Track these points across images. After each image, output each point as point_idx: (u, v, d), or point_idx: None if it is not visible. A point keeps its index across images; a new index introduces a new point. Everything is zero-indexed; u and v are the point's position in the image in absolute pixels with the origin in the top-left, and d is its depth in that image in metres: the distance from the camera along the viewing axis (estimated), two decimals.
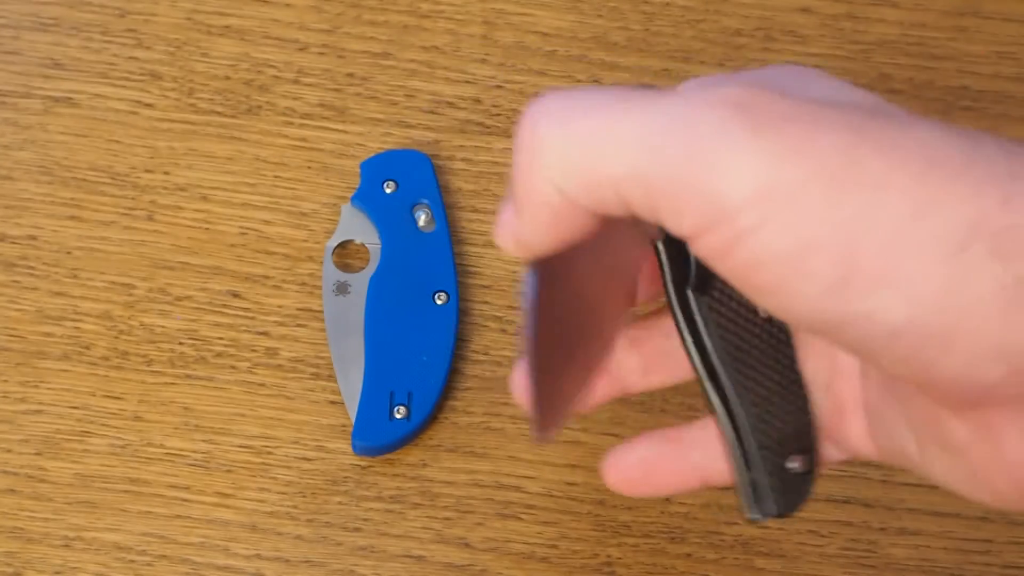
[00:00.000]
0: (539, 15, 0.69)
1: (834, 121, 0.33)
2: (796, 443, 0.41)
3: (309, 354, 0.63)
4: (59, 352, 0.63)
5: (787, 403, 0.41)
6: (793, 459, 0.41)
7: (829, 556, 0.60)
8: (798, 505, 0.42)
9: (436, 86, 0.67)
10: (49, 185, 0.66)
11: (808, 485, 0.42)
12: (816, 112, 0.33)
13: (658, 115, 0.33)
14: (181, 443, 0.61)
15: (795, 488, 0.42)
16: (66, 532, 0.60)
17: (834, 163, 0.33)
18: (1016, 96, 0.67)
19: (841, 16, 0.68)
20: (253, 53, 0.68)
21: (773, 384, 0.41)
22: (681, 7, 0.69)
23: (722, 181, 0.33)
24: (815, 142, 0.33)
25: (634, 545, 0.60)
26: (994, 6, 0.68)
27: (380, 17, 0.69)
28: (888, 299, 0.33)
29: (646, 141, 0.33)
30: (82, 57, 0.68)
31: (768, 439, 0.41)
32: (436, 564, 0.60)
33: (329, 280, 0.63)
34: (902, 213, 0.33)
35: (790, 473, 0.41)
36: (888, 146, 0.33)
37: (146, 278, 0.64)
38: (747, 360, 0.40)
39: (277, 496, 0.61)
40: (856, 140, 0.33)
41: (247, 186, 0.66)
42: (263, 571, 0.59)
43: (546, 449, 0.61)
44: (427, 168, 0.65)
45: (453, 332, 0.62)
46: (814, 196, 0.33)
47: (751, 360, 0.40)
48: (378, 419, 0.61)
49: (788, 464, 0.41)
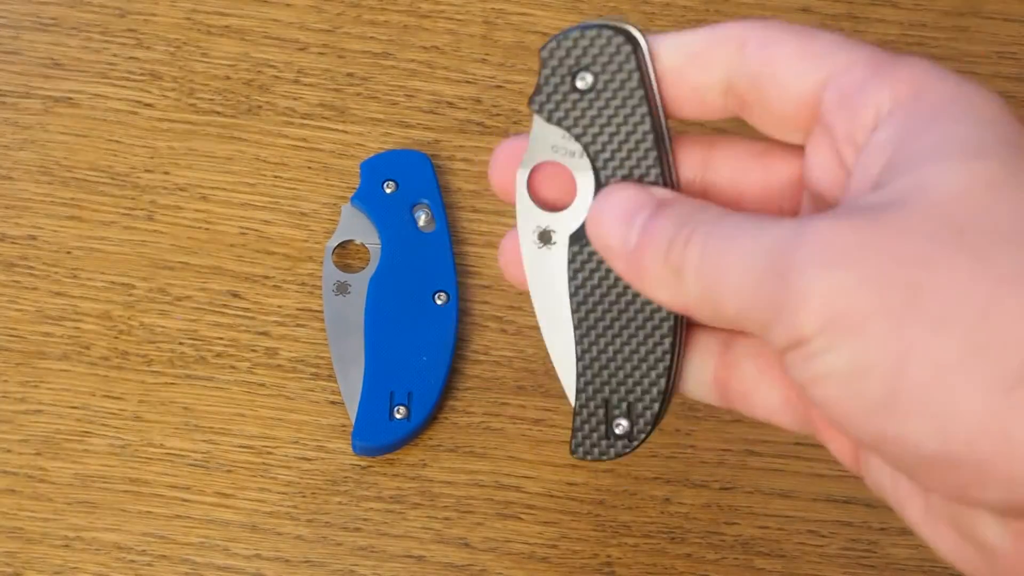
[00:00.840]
0: (539, 15, 0.69)
1: (908, 256, 0.36)
2: (625, 409, 0.44)
3: (309, 354, 0.63)
4: (59, 352, 0.63)
5: (631, 376, 0.44)
6: (618, 423, 0.45)
7: (829, 556, 0.60)
8: (616, 456, 0.45)
9: (436, 86, 0.67)
10: (49, 185, 0.66)
11: (629, 447, 0.45)
12: (892, 245, 0.36)
13: (754, 267, 0.38)
14: (181, 443, 0.61)
15: (615, 444, 0.45)
16: (66, 532, 0.60)
17: (898, 299, 0.35)
18: (1016, 96, 0.67)
19: (841, 16, 0.68)
20: (253, 53, 0.68)
21: (627, 352, 0.44)
22: (681, 7, 0.69)
23: (799, 315, 0.37)
24: (885, 277, 0.36)
25: (634, 545, 0.60)
26: (994, 6, 0.68)
27: (380, 17, 0.69)
28: (922, 427, 0.36)
29: (745, 295, 0.38)
30: (82, 57, 0.68)
31: (596, 396, 0.45)
32: (436, 564, 0.60)
33: (329, 280, 0.63)
34: (953, 353, 0.35)
35: (614, 431, 0.45)
36: (958, 287, 0.36)
37: (146, 278, 0.64)
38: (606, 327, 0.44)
39: (277, 496, 0.61)
40: (928, 276, 0.36)
41: (247, 186, 0.66)
42: (263, 571, 0.59)
43: (546, 449, 0.61)
44: (427, 168, 0.65)
45: (453, 332, 0.62)
46: (876, 328, 0.36)
47: (610, 329, 0.44)
48: (378, 419, 0.61)
49: (614, 424, 0.45)
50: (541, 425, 0.62)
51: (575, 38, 0.43)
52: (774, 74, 0.40)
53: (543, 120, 0.44)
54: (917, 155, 0.38)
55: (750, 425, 0.61)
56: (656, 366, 0.44)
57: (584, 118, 0.43)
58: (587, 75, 0.43)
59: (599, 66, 0.43)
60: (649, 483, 0.61)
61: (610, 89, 0.43)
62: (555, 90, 0.43)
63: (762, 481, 0.61)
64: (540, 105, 0.44)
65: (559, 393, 0.62)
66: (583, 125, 0.43)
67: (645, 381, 0.45)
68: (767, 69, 0.40)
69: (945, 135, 0.38)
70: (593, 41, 0.43)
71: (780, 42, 0.40)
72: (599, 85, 0.43)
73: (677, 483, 0.61)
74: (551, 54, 0.43)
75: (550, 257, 0.45)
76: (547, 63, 0.43)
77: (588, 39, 0.43)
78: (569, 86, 0.43)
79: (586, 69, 0.43)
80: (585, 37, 0.43)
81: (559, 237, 0.44)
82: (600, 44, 0.43)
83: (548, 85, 0.43)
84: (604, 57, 0.43)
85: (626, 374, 0.45)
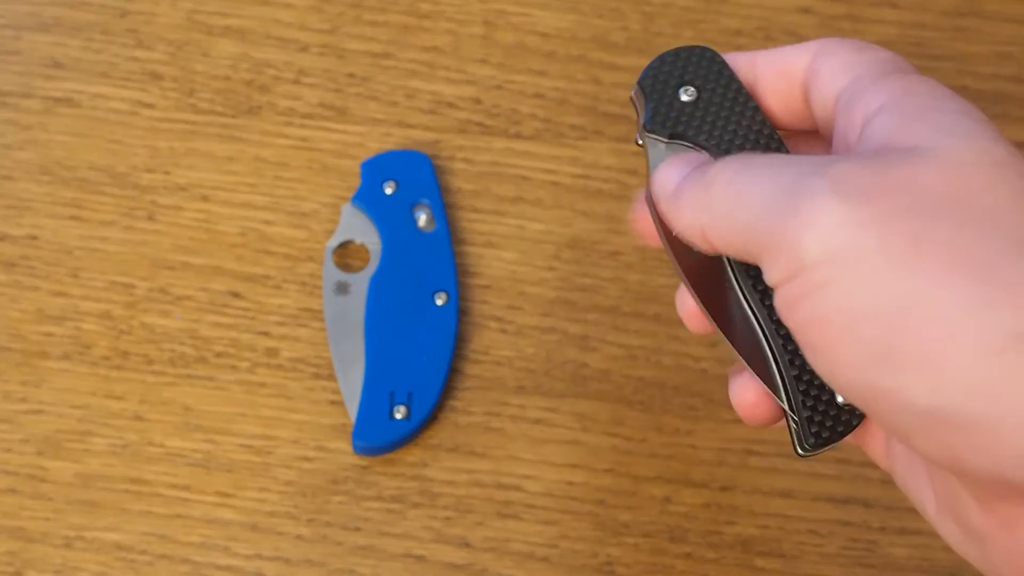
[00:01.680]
0: (539, 15, 0.69)
1: (917, 207, 0.37)
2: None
3: (309, 354, 0.63)
4: (60, 352, 0.63)
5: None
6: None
7: (829, 555, 0.60)
8: (842, 434, 0.45)
9: (436, 86, 0.67)
10: (50, 185, 0.66)
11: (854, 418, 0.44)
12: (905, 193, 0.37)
13: (774, 187, 0.39)
14: (182, 443, 0.61)
15: (840, 420, 0.44)
16: (66, 532, 0.60)
17: (903, 245, 0.36)
18: (1016, 96, 0.67)
19: (841, 16, 0.68)
20: (253, 53, 0.68)
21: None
22: (681, 7, 0.69)
23: (804, 236, 0.37)
24: (893, 220, 0.36)
25: (634, 545, 0.60)
26: (994, 6, 0.68)
27: (380, 17, 0.69)
28: (917, 381, 0.36)
29: (761, 209, 0.39)
30: (82, 57, 0.68)
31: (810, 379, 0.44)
32: (436, 564, 0.60)
33: (329, 280, 0.63)
34: (955, 307, 0.35)
35: (837, 405, 0.44)
36: (961, 246, 0.36)
37: (146, 278, 0.64)
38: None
39: (277, 496, 0.61)
40: (933, 229, 0.36)
41: (247, 186, 0.66)
42: (263, 571, 0.60)
43: (546, 449, 0.61)
44: (427, 168, 0.65)
45: (453, 332, 0.62)
46: (879, 266, 0.36)
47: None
48: (378, 419, 0.61)
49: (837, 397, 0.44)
50: (541, 425, 0.62)
51: (670, 60, 0.47)
52: (816, 83, 0.43)
53: (658, 143, 0.47)
54: (920, 134, 0.39)
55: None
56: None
57: (700, 126, 0.46)
58: (690, 88, 0.47)
59: (700, 79, 0.47)
60: (649, 483, 0.61)
61: (716, 96, 0.47)
62: (666, 109, 0.47)
63: (762, 481, 0.61)
64: (656, 127, 0.47)
65: (559, 393, 0.62)
66: (700, 133, 0.46)
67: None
68: (815, 79, 0.44)
69: (942, 122, 0.39)
70: (687, 60, 0.47)
71: (832, 54, 0.43)
72: (704, 95, 0.47)
73: (677, 483, 0.61)
74: (652, 80, 0.47)
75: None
76: (650, 89, 0.47)
77: (681, 59, 0.47)
78: (678, 101, 0.47)
79: (689, 83, 0.47)
80: (679, 58, 0.47)
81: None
82: (693, 61, 0.47)
83: (659, 107, 0.47)
84: (701, 71, 0.47)
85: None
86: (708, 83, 0.47)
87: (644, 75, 0.48)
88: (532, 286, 0.64)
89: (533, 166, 0.66)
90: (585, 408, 0.62)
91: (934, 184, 0.37)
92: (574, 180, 0.65)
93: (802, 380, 0.45)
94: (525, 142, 0.66)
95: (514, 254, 0.65)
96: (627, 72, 0.67)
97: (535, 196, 0.65)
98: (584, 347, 0.63)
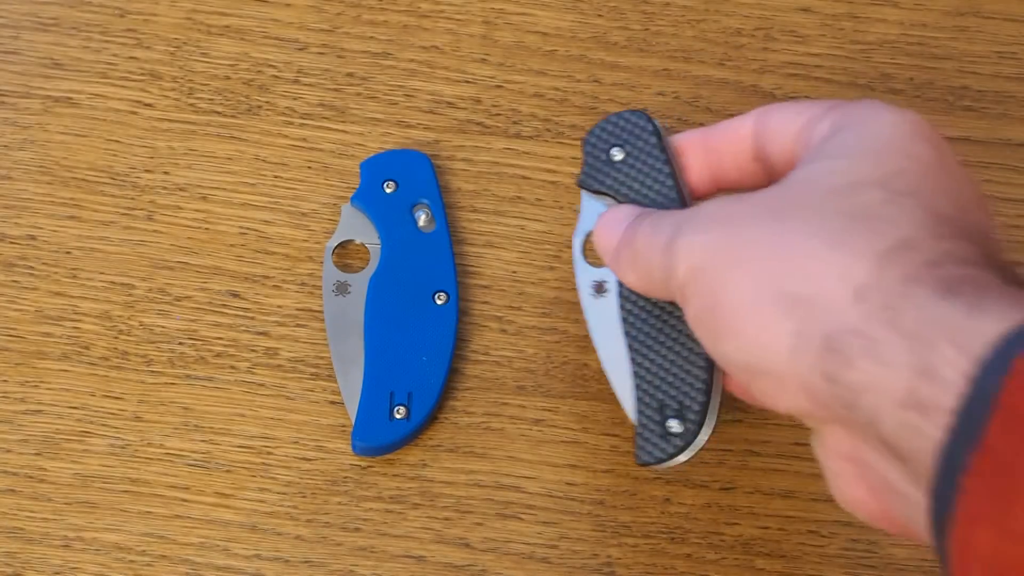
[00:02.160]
0: (539, 15, 0.69)
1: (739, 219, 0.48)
2: (677, 411, 0.54)
3: (309, 354, 0.63)
4: (58, 352, 0.63)
5: (679, 381, 0.54)
6: (670, 422, 0.54)
7: (830, 556, 0.60)
8: (672, 457, 0.54)
9: (436, 86, 0.67)
10: (48, 185, 0.66)
11: (685, 445, 0.54)
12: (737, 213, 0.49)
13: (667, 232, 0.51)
14: (181, 443, 0.61)
15: (672, 444, 0.54)
16: (66, 532, 0.60)
17: (724, 252, 0.48)
18: (1017, 96, 0.67)
19: (841, 16, 0.68)
20: (253, 53, 0.68)
21: (669, 365, 0.55)
22: (681, 7, 0.69)
23: (679, 267, 0.50)
24: (721, 236, 0.48)
25: (634, 545, 0.60)
26: (994, 6, 0.68)
27: (380, 17, 0.69)
28: (731, 347, 0.48)
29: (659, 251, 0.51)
30: (82, 57, 0.68)
31: (652, 402, 0.55)
32: (436, 564, 0.60)
33: (329, 280, 0.63)
34: (747, 290, 0.47)
35: (668, 431, 0.54)
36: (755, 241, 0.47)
37: (146, 278, 0.64)
38: (652, 346, 0.55)
39: (277, 496, 0.61)
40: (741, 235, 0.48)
41: (247, 186, 0.66)
42: (263, 571, 0.59)
43: (546, 449, 0.61)
44: (427, 168, 0.65)
45: (453, 332, 0.62)
46: (709, 274, 0.48)
47: (656, 346, 0.55)
48: (378, 419, 0.61)
49: (667, 424, 0.54)
50: (541, 425, 0.62)
51: (613, 122, 0.57)
52: (767, 135, 0.53)
53: (588, 196, 0.57)
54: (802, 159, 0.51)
55: (750, 425, 0.61)
56: (698, 373, 0.54)
57: (623, 182, 0.56)
58: (621, 149, 0.57)
59: (631, 142, 0.56)
60: (649, 483, 0.61)
61: (640, 158, 0.56)
62: (598, 167, 0.57)
63: (762, 481, 0.61)
64: (587, 182, 0.57)
65: (559, 393, 0.62)
66: (621, 188, 0.56)
67: (691, 387, 0.54)
68: (764, 131, 0.53)
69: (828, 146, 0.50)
70: (626, 122, 0.57)
71: (781, 109, 0.53)
72: (630, 157, 0.56)
73: (677, 483, 0.61)
74: (594, 140, 0.57)
75: (605, 303, 0.56)
76: (589, 148, 0.57)
77: (622, 121, 0.57)
78: (609, 160, 0.57)
79: (620, 145, 0.57)
80: (621, 119, 0.57)
81: (611, 286, 0.56)
82: (630, 125, 0.57)
83: (593, 165, 0.57)
84: (634, 134, 0.56)
85: (674, 382, 0.54)
86: (636, 147, 0.56)
87: (588, 135, 0.57)
88: (532, 286, 0.64)
89: (533, 166, 0.66)
90: (585, 408, 0.62)
91: (762, 202, 0.49)
92: (574, 180, 0.65)
93: (648, 405, 0.55)
94: (525, 142, 0.66)
95: (514, 254, 0.64)
96: (627, 72, 0.67)
97: (535, 196, 0.65)
98: (584, 347, 0.63)
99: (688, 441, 0.54)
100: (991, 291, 0.42)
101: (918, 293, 0.43)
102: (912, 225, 0.45)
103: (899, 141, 0.48)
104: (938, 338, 0.42)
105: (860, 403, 0.43)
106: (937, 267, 0.44)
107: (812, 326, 0.45)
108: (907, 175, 0.47)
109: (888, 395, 0.42)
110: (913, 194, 0.46)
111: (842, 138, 0.49)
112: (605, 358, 0.56)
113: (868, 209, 0.46)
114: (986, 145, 0.66)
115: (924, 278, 0.43)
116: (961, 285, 0.43)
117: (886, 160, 0.48)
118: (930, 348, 0.42)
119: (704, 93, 0.67)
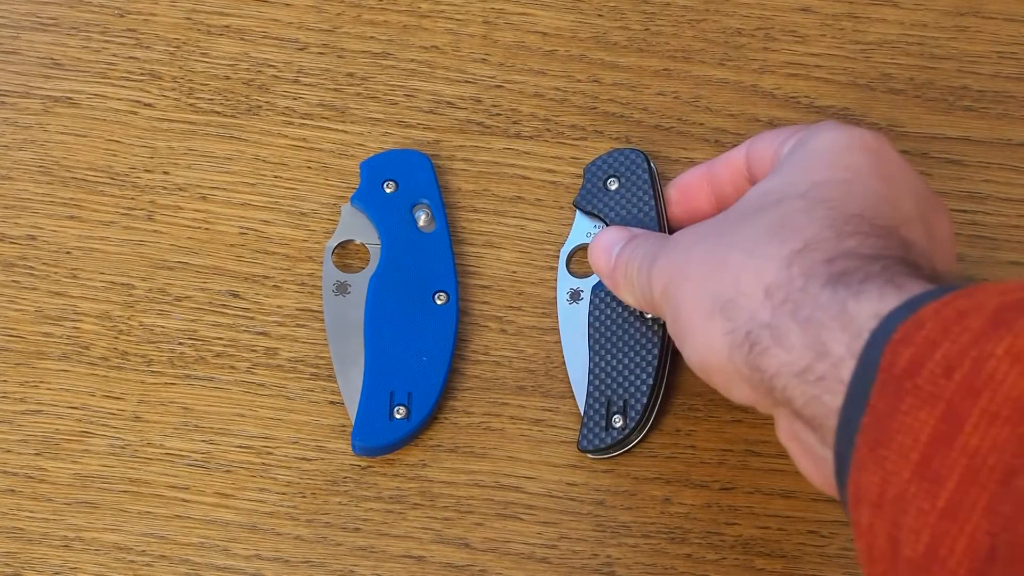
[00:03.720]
0: (539, 15, 0.69)
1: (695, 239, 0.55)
2: (621, 408, 0.60)
3: (309, 354, 0.63)
4: (58, 352, 0.63)
5: (627, 383, 0.61)
6: (616, 418, 0.60)
7: (830, 556, 0.60)
8: (610, 448, 0.60)
9: (436, 86, 0.67)
10: (48, 185, 0.66)
11: (623, 439, 0.60)
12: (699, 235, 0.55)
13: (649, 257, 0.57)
14: (181, 443, 0.61)
15: (611, 436, 0.60)
16: (66, 532, 0.60)
17: (681, 268, 0.55)
18: (1017, 96, 0.67)
19: (841, 16, 0.68)
20: (253, 53, 0.68)
21: (622, 368, 0.61)
22: (681, 7, 0.69)
23: (655, 287, 0.56)
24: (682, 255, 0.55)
25: (634, 545, 0.60)
26: (995, 6, 0.68)
27: (380, 17, 0.68)
28: (687, 349, 0.54)
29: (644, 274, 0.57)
30: (82, 57, 0.68)
31: (602, 398, 0.60)
32: (436, 564, 0.60)
33: (329, 280, 0.63)
34: (693, 298, 0.53)
35: (612, 424, 0.60)
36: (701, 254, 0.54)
37: (145, 278, 0.64)
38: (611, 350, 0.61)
39: (277, 496, 0.61)
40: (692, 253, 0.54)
41: (247, 186, 0.66)
42: (263, 571, 0.59)
43: (546, 449, 0.61)
44: (427, 168, 0.65)
45: (453, 332, 0.62)
46: (673, 290, 0.54)
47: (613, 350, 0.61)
48: (378, 419, 0.61)
49: (612, 418, 0.60)
50: (541, 425, 0.62)
51: (615, 156, 0.63)
52: (759, 156, 0.59)
53: (582, 215, 0.64)
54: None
55: (750, 425, 0.61)
56: (645, 378, 0.60)
57: (613, 208, 0.63)
58: (616, 180, 0.63)
59: (625, 175, 0.63)
60: (649, 483, 0.61)
61: (631, 189, 0.63)
62: (595, 192, 0.63)
63: (762, 481, 0.61)
64: (582, 204, 0.63)
65: (559, 394, 0.62)
66: (610, 213, 0.63)
67: (637, 389, 0.60)
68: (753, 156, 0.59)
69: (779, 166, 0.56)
70: (625, 158, 0.63)
71: (763, 137, 0.59)
72: (623, 187, 0.63)
73: (677, 483, 0.61)
74: (594, 169, 0.63)
75: (577, 309, 0.62)
76: (589, 175, 0.63)
77: (622, 157, 0.63)
78: (605, 188, 0.63)
79: (616, 177, 0.63)
80: (621, 155, 0.63)
81: (584, 295, 0.62)
82: (628, 160, 0.63)
83: (590, 190, 0.63)
84: (629, 168, 0.63)
85: (624, 383, 0.60)
86: (630, 179, 0.63)
87: (590, 164, 0.64)
88: (532, 286, 0.64)
89: (533, 166, 0.66)
90: None
91: (717, 222, 0.55)
92: (574, 180, 0.65)
93: (598, 400, 0.60)
94: (525, 142, 0.66)
95: (514, 254, 0.64)
96: (627, 72, 0.67)
97: (535, 196, 0.65)
98: None
99: (626, 436, 0.60)
100: (875, 279, 0.48)
101: (813, 286, 0.49)
102: (818, 228, 0.51)
103: (832, 154, 0.54)
104: (828, 321, 0.48)
105: (776, 384, 0.50)
106: (832, 263, 0.50)
107: (739, 324, 0.51)
108: (830, 184, 0.53)
109: (793, 374, 0.49)
110: (828, 200, 0.52)
111: (788, 158, 0.56)
112: (568, 356, 0.62)
113: (785, 218, 0.52)
114: (986, 145, 0.66)
115: (819, 273, 0.49)
116: (849, 276, 0.49)
117: (813, 172, 0.54)
118: (821, 330, 0.48)
119: (704, 93, 0.67)
